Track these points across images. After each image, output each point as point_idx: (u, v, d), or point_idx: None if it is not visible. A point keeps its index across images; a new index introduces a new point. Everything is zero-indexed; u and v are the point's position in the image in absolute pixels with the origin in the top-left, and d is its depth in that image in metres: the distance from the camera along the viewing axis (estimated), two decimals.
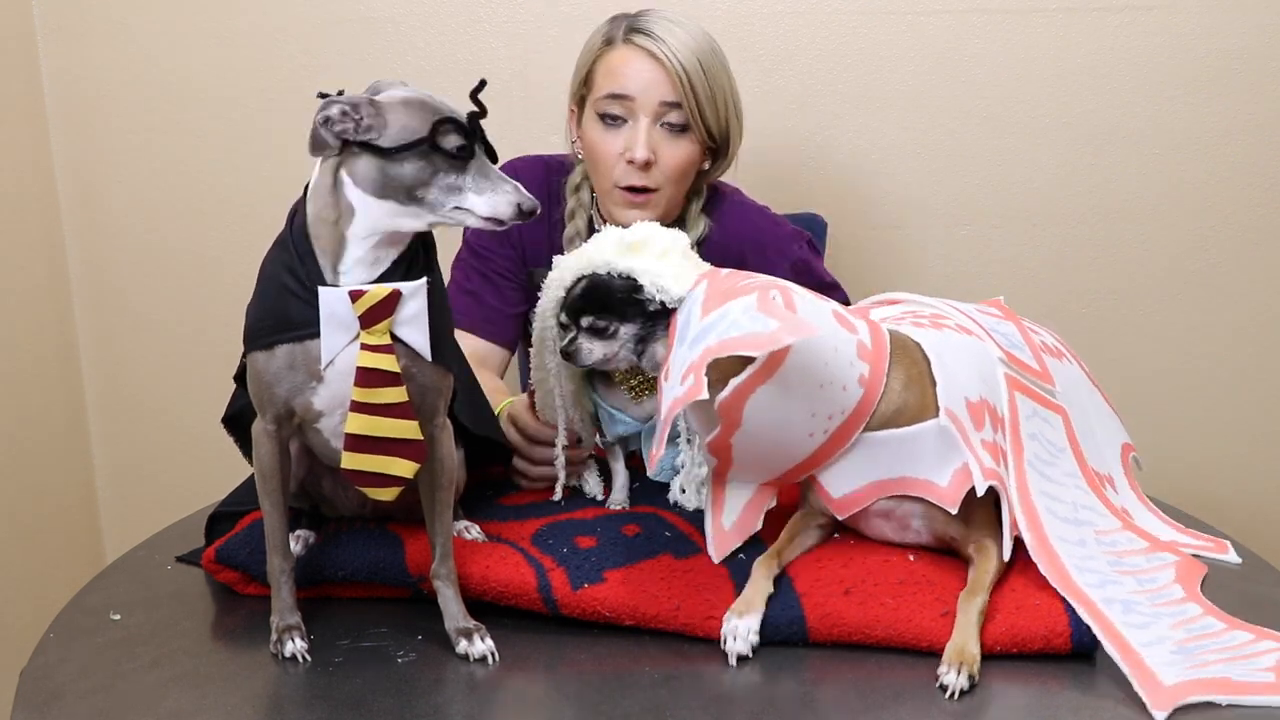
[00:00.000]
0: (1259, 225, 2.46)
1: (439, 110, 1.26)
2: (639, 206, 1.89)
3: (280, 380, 1.31)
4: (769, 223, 2.02)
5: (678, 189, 1.93)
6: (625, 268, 1.54)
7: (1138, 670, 1.25)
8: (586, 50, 1.94)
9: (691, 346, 1.33)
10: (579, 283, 1.55)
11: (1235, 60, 2.39)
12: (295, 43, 2.46)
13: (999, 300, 1.72)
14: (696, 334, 1.34)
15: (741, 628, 1.34)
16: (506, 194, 1.26)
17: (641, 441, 1.70)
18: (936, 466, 1.41)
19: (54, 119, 2.52)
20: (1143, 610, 1.36)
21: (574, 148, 2.00)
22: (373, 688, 1.27)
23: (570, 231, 1.98)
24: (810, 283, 1.97)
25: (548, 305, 1.60)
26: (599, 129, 1.89)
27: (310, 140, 1.25)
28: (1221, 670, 1.25)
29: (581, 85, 1.93)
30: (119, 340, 2.63)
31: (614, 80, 1.87)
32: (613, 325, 1.54)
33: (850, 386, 1.40)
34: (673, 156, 1.88)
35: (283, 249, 1.31)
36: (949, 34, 2.41)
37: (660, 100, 1.85)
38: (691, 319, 1.37)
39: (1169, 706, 1.20)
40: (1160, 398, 2.53)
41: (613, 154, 1.88)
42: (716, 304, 1.35)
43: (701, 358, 1.30)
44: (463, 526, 1.55)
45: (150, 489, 2.69)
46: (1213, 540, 1.62)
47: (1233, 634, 1.34)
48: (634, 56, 1.86)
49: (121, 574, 1.59)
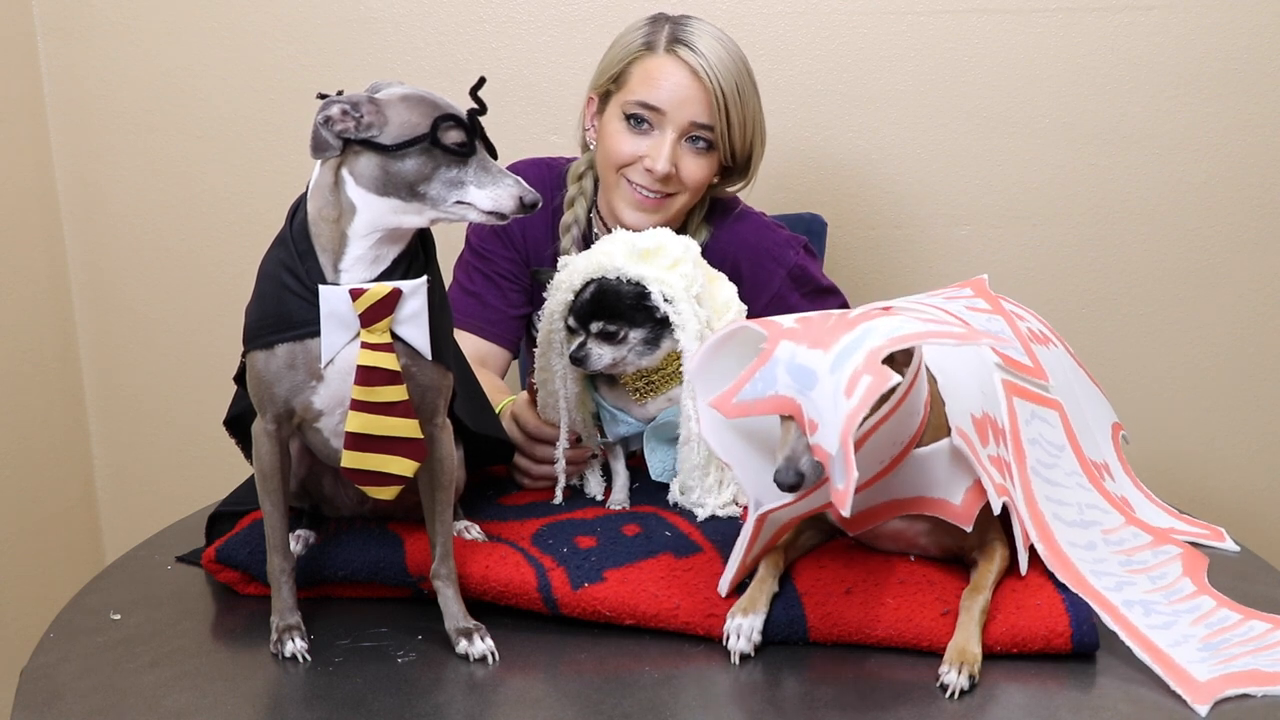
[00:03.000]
0: (1259, 225, 2.46)
1: (440, 106, 1.26)
2: (649, 211, 1.87)
3: (280, 379, 1.31)
4: (766, 230, 2.00)
5: (690, 200, 1.92)
6: (636, 275, 1.54)
7: (1171, 670, 1.27)
8: (622, 47, 1.89)
9: (838, 369, 1.23)
10: (588, 287, 1.55)
11: (1235, 60, 2.39)
12: (295, 43, 2.46)
13: (982, 280, 1.71)
14: (837, 358, 1.25)
15: (745, 626, 1.34)
16: (508, 187, 1.26)
17: (644, 441, 1.70)
18: (950, 485, 1.40)
19: (54, 119, 2.52)
20: (1162, 610, 1.38)
21: (585, 135, 1.98)
22: (373, 688, 1.27)
23: (568, 218, 1.96)
24: (807, 289, 1.97)
25: (555, 307, 1.59)
26: (622, 128, 1.87)
27: (312, 142, 1.25)
28: (1249, 662, 1.28)
29: (611, 81, 1.89)
30: (119, 340, 2.63)
31: (650, 89, 1.84)
32: (622, 330, 1.54)
33: (919, 410, 1.37)
34: (693, 172, 1.87)
35: (282, 248, 1.31)
36: (949, 34, 2.41)
37: (692, 120, 1.84)
38: (808, 363, 1.26)
39: (1209, 700, 1.23)
40: (1160, 398, 2.53)
41: (630, 155, 1.86)
42: (835, 335, 1.26)
43: (871, 356, 1.22)
44: (463, 526, 1.55)
45: (150, 489, 2.69)
46: (1208, 528, 1.64)
47: (1250, 624, 1.37)
48: (675, 69, 1.83)
49: (121, 574, 1.59)
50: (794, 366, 1.25)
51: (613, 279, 1.55)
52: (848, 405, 1.20)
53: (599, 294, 1.55)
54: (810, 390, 1.24)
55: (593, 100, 1.95)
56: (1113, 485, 1.62)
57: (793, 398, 1.25)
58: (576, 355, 1.56)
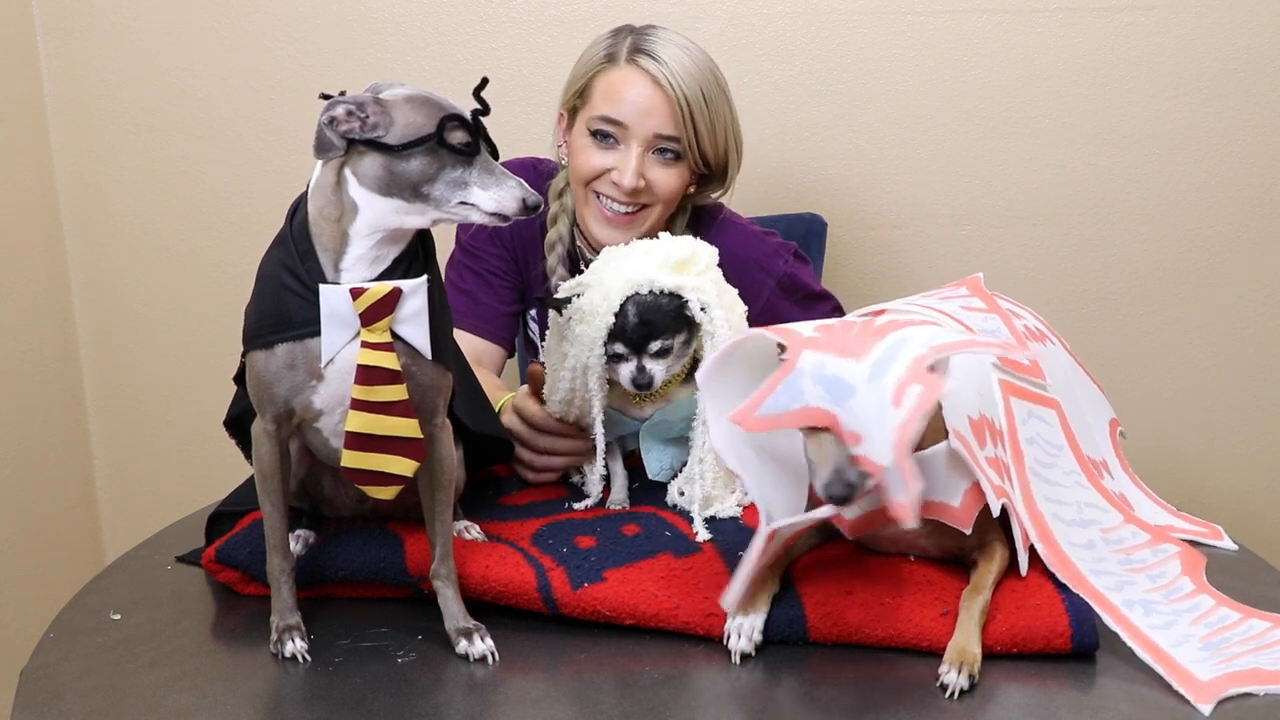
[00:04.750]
0: (1259, 225, 2.46)
1: (444, 107, 1.26)
2: (620, 228, 1.87)
3: (280, 379, 1.31)
4: (754, 239, 1.98)
5: (663, 211, 1.90)
6: (672, 285, 1.53)
7: (1173, 670, 1.27)
8: (585, 61, 1.89)
9: (877, 379, 1.21)
10: (625, 306, 1.54)
11: (1235, 60, 2.39)
12: (295, 43, 2.46)
13: (977, 279, 1.70)
14: (874, 368, 1.22)
15: (746, 626, 1.34)
16: (511, 189, 1.27)
17: (640, 440, 1.69)
18: (948, 488, 1.40)
19: (54, 119, 2.52)
20: (1162, 610, 1.39)
21: (559, 152, 1.98)
22: (373, 688, 1.27)
23: (552, 236, 1.95)
24: (798, 296, 1.96)
25: (596, 334, 1.55)
26: (588, 143, 1.86)
27: (315, 142, 1.25)
28: (1250, 661, 1.29)
29: (576, 96, 1.89)
30: (119, 340, 2.63)
31: (611, 103, 1.82)
32: (672, 344, 1.55)
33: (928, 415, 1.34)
34: (663, 182, 1.85)
35: (282, 247, 1.31)
36: (949, 34, 2.41)
37: (656, 131, 1.82)
38: (841, 373, 1.23)
39: (1212, 700, 1.23)
40: (1160, 398, 2.53)
41: (598, 168, 1.85)
42: (865, 344, 1.24)
43: (916, 365, 1.20)
44: (463, 526, 1.55)
45: (150, 489, 2.69)
46: (1207, 526, 1.65)
47: (1250, 623, 1.37)
48: (636, 79, 1.82)
49: (121, 574, 1.59)
50: (824, 377, 1.23)
51: (646, 293, 1.55)
52: (898, 416, 1.19)
53: (643, 312, 1.54)
54: (847, 401, 1.21)
55: (563, 117, 1.94)
56: (1111, 483, 1.62)
57: (826, 409, 1.23)
58: (640, 381, 1.55)
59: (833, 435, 1.24)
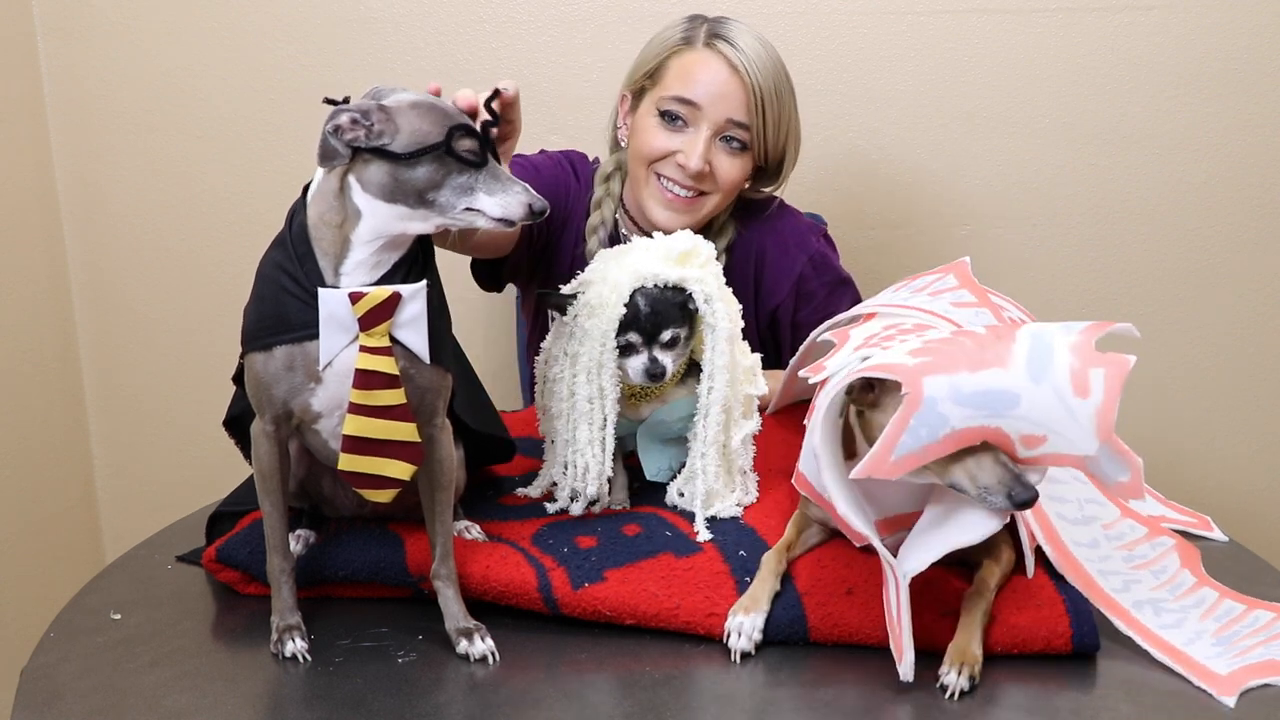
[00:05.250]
0: (1259, 225, 2.46)
1: (451, 115, 1.27)
2: (679, 211, 1.87)
3: (278, 381, 1.31)
4: (788, 215, 2.01)
5: (720, 202, 1.91)
6: (676, 278, 1.54)
7: (1192, 668, 1.29)
8: (659, 43, 1.89)
9: (1041, 378, 1.20)
10: (634, 297, 1.54)
11: (1235, 60, 2.39)
12: (295, 43, 2.46)
13: (964, 264, 1.69)
14: (1030, 370, 1.21)
15: (746, 625, 1.34)
16: (517, 195, 1.27)
17: (637, 441, 1.69)
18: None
19: (54, 119, 2.52)
20: (1170, 608, 1.40)
21: (617, 134, 1.98)
22: (373, 688, 1.28)
23: (594, 220, 1.95)
24: (827, 277, 1.98)
25: (608, 326, 1.53)
26: (655, 124, 1.86)
27: (320, 150, 1.24)
28: (1264, 653, 1.31)
29: (646, 77, 1.89)
30: (119, 340, 2.63)
31: (686, 84, 1.83)
32: (680, 334, 1.55)
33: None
34: (727, 171, 1.86)
35: (281, 250, 1.31)
36: (949, 34, 2.41)
37: (729, 117, 1.83)
38: (994, 385, 1.21)
39: (1235, 692, 1.25)
40: (1160, 398, 2.53)
41: (663, 149, 1.85)
42: (997, 350, 1.23)
43: (1081, 350, 1.21)
44: (463, 526, 1.55)
45: (150, 489, 2.69)
46: (1196, 516, 1.67)
47: (1255, 615, 1.39)
48: (713, 62, 1.83)
49: (121, 574, 1.59)
50: (968, 396, 1.20)
51: (652, 286, 1.55)
52: (1092, 403, 1.19)
53: (652, 303, 1.54)
54: (1013, 410, 1.20)
55: (626, 98, 1.94)
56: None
57: (985, 425, 1.21)
58: (654, 371, 1.55)
59: (993, 450, 1.23)
